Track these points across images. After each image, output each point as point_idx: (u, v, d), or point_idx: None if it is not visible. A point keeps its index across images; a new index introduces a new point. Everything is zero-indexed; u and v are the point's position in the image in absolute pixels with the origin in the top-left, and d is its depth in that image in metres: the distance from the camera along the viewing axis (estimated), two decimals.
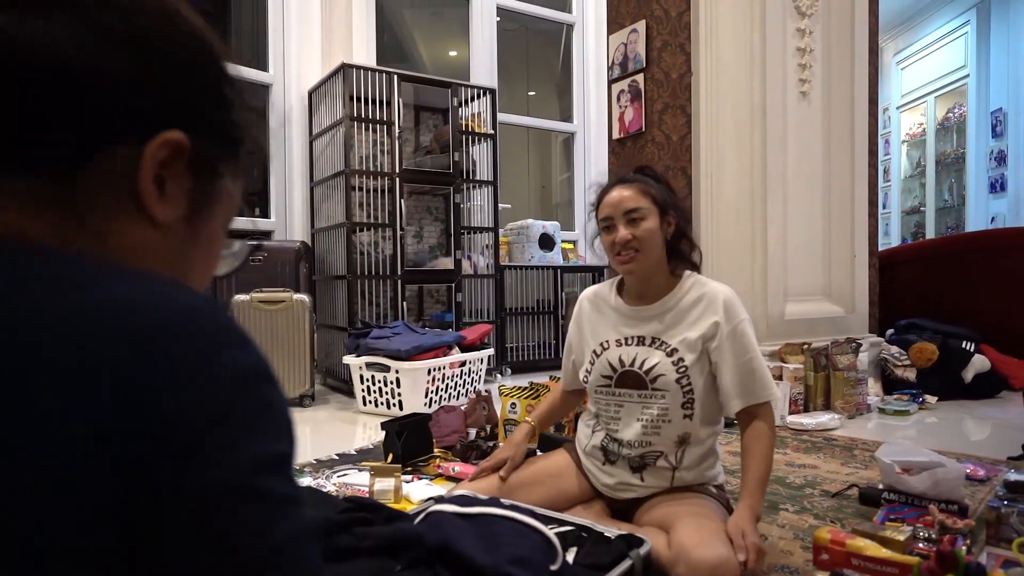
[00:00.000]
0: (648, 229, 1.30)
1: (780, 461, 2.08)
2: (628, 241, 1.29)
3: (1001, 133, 5.66)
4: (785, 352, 2.87)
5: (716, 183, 2.96)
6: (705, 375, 1.31)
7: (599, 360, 1.38)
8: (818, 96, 3.20)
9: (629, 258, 1.31)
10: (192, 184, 0.43)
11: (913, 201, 7.05)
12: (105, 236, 0.39)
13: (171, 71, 0.41)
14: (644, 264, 1.32)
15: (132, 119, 0.39)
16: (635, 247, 1.30)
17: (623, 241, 1.30)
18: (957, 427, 2.61)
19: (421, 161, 3.93)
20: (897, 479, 1.57)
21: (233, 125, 0.46)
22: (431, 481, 1.85)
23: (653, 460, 1.33)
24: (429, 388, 2.88)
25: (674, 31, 3.01)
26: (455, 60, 5.22)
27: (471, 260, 3.99)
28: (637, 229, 1.29)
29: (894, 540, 1.27)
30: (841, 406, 2.75)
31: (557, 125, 5.36)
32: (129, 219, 0.40)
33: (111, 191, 0.39)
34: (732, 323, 1.31)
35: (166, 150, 0.40)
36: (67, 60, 0.37)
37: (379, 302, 3.61)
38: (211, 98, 0.44)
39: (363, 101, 3.50)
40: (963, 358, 3.11)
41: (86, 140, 0.38)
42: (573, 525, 1.20)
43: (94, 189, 0.39)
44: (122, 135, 0.39)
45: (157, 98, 0.40)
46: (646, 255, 1.31)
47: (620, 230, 1.30)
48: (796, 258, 3.12)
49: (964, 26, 6.12)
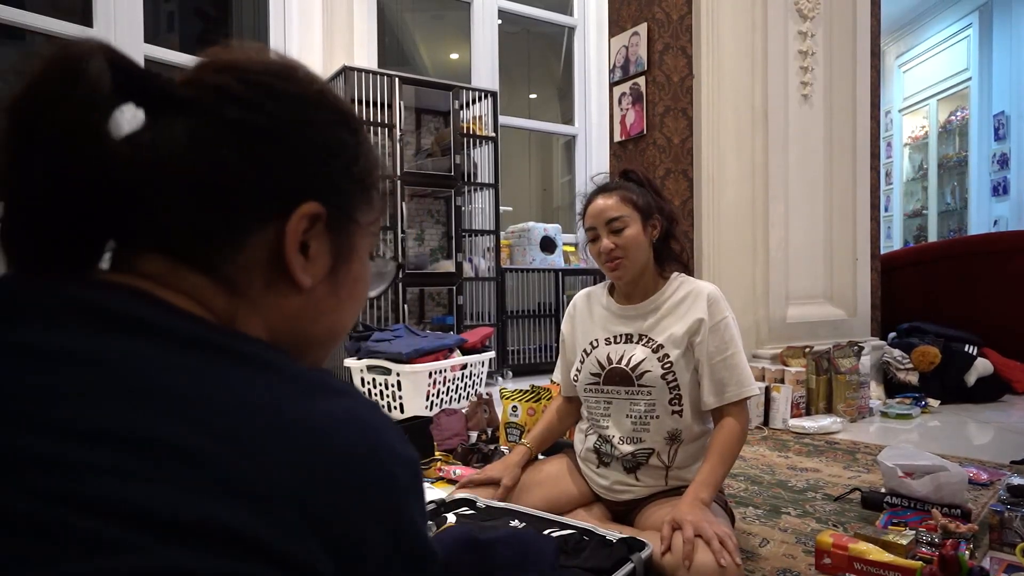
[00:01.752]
0: (630, 236, 1.32)
1: (782, 464, 2.08)
2: (612, 250, 1.32)
3: (1004, 136, 5.65)
4: (787, 355, 2.87)
5: (717, 186, 2.96)
6: (691, 371, 1.32)
7: (588, 359, 1.40)
8: (820, 99, 3.20)
9: (615, 265, 1.34)
10: (332, 239, 0.46)
11: (915, 204, 7.04)
12: (263, 306, 0.44)
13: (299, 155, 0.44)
14: (631, 269, 1.34)
15: (269, 204, 0.43)
16: (619, 255, 1.32)
17: (607, 251, 1.33)
18: (960, 431, 2.60)
19: (422, 164, 3.93)
20: (899, 483, 1.56)
21: (362, 175, 0.49)
22: (432, 484, 1.85)
23: (645, 459, 1.33)
24: (430, 391, 2.87)
25: (675, 34, 3.01)
26: (456, 63, 5.23)
27: (472, 263, 3.99)
28: (620, 238, 1.32)
29: (897, 544, 1.26)
30: (843, 409, 2.74)
31: (558, 128, 5.36)
32: (282, 288, 0.45)
33: (262, 266, 0.43)
34: (715, 319, 1.32)
35: (305, 222, 0.44)
36: (195, 163, 0.41)
37: (380, 305, 3.61)
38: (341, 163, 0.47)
39: (364, 104, 3.50)
40: (965, 362, 3.10)
41: (233, 227, 0.42)
42: (574, 528, 1.19)
43: (248, 267, 0.43)
44: (264, 219, 0.43)
45: (291, 181, 0.44)
46: (632, 261, 1.33)
47: (603, 240, 1.33)
48: (798, 261, 3.11)
49: (966, 29, 6.11)
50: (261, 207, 0.43)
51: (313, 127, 0.45)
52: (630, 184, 1.38)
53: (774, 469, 2.02)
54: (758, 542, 1.43)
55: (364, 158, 0.49)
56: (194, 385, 0.35)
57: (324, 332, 0.49)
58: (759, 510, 1.64)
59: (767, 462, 2.11)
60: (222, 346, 0.39)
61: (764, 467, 2.05)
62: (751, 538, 1.46)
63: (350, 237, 0.48)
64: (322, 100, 0.46)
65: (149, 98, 0.41)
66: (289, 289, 0.45)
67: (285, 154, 0.43)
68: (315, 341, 0.49)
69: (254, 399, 0.37)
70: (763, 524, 1.55)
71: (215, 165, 0.41)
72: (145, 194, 0.40)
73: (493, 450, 2.05)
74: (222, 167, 0.41)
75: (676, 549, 1.09)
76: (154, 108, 0.41)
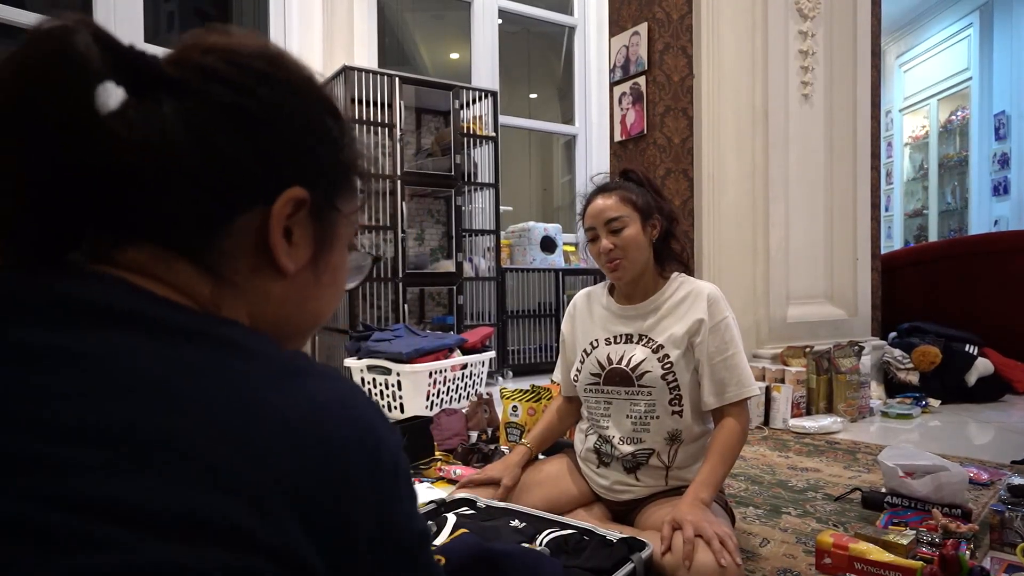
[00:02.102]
0: (629, 236, 1.32)
1: (782, 464, 2.07)
2: (611, 250, 1.32)
3: (1004, 136, 5.65)
4: (787, 355, 2.86)
5: (718, 186, 2.96)
6: (691, 371, 1.32)
7: (588, 359, 1.40)
8: (820, 99, 3.20)
9: (615, 266, 1.34)
10: (315, 226, 0.47)
11: (916, 204, 7.04)
12: (246, 292, 0.44)
13: (287, 140, 0.44)
14: (630, 269, 1.34)
15: (255, 188, 0.43)
16: (618, 255, 1.32)
17: (606, 251, 1.33)
18: (960, 431, 2.60)
19: (422, 163, 3.93)
20: (900, 483, 1.56)
21: (346, 163, 0.49)
22: (432, 484, 1.85)
23: (645, 459, 1.33)
24: (430, 391, 2.87)
25: (676, 34, 3.01)
26: (456, 63, 5.23)
27: (472, 263, 3.99)
28: (619, 238, 1.32)
29: (897, 544, 1.26)
30: (843, 409, 2.74)
31: (558, 127, 5.36)
32: (265, 273, 0.45)
33: (247, 251, 0.43)
34: (715, 319, 1.32)
35: (290, 207, 0.44)
36: (179, 147, 0.40)
37: (380, 305, 3.61)
38: (327, 150, 0.47)
39: (364, 103, 3.50)
40: (966, 361, 3.10)
41: (218, 212, 0.42)
42: (575, 528, 1.19)
43: (233, 253, 0.43)
44: (251, 203, 0.43)
45: (277, 165, 0.44)
46: (631, 261, 1.33)
47: (603, 240, 1.33)
48: (798, 261, 3.11)
49: (967, 29, 6.10)
50: (249, 191, 0.42)
51: (302, 113, 0.45)
52: (630, 184, 1.38)
53: (774, 469, 2.02)
54: (758, 542, 1.43)
55: (348, 147, 0.49)
56: (179, 376, 0.35)
57: (308, 319, 0.50)
58: (759, 510, 1.64)
59: (767, 462, 2.11)
60: (207, 335, 0.38)
61: (764, 467, 2.05)
62: (751, 538, 1.46)
63: (332, 225, 0.48)
64: (310, 87, 0.46)
65: (136, 76, 0.39)
66: (273, 275, 0.45)
67: (275, 139, 0.43)
68: (298, 328, 0.50)
69: (239, 387, 0.36)
70: (763, 524, 1.55)
71: (206, 148, 0.40)
72: (131, 176, 0.39)
73: (493, 450, 2.05)
74: (213, 150, 0.41)
75: (676, 549, 1.09)
76: (141, 87, 0.39)
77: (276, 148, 0.43)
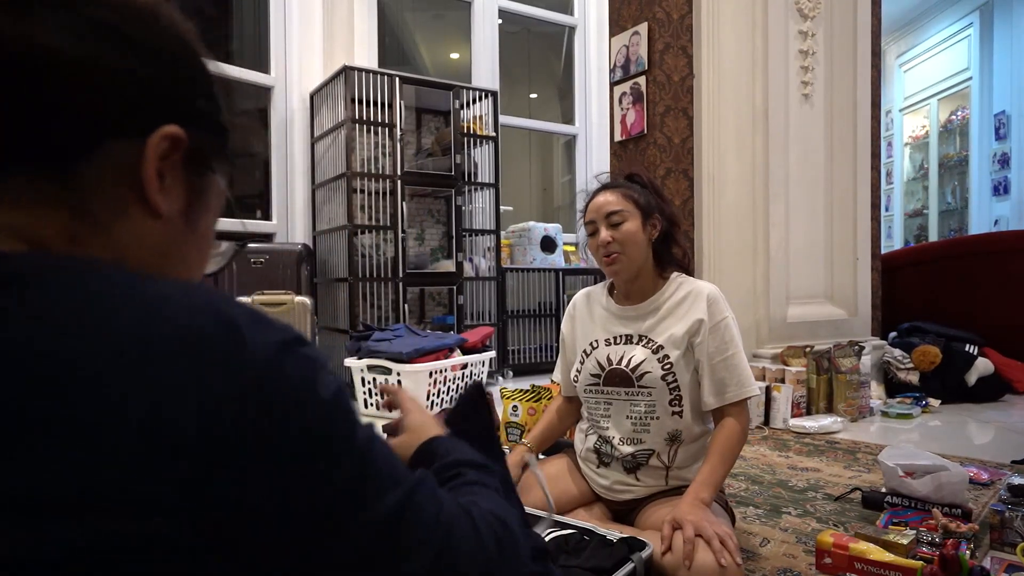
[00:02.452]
0: (628, 231, 1.33)
1: (782, 464, 2.07)
2: (609, 243, 1.33)
3: (1004, 136, 5.65)
4: (787, 355, 2.86)
5: (718, 186, 2.96)
6: (691, 372, 1.32)
7: (588, 359, 1.40)
8: (820, 98, 3.20)
9: (613, 259, 1.34)
10: (188, 178, 0.44)
11: (916, 204, 7.04)
12: (110, 230, 0.40)
13: (165, 67, 0.42)
14: (629, 265, 1.34)
15: (130, 113, 0.40)
16: (617, 249, 1.33)
17: (604, 243, 1.33)
18: (960, 430, 2.60)
19: (423, 163, 3.93)
20: (900, 483, 1.56)
21: (223, 123, 0.47)
22: None
23: (645, 459, 1.34)
24: (431, 391, 2.87)
25: (676, 33, 3.01)
26: (457, 62, 5.23)
27: (472, 262, 3.99)
28: (618, 232, 1.33)
29: (897, 544, 1.26)
30: (844, 409, 2.74)
31: (559, 127, 5.36)
32: (132, 213, 0.41)
33: (115, 185, 0.40)
34: (714, 319, 1.32)
35: (166, 143, 0.41)
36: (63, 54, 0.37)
37: (380, 304, 3.61)
38: (203, 95, 0.46)
39: (365, 103, 3.50)
40: (966, 361, 3.10)
41: (88, 133, 0.39)
42: (575, 528, 1.19)
43: (98, 185, 0.39)
44: (122, 129, 0.40)
45: (154, 93, 0.41)
46: (629, 256, 1.34)
47: (602, 233, 1.34)
48: (798, 261, 3.11)
49: (967, 28, 6.10)
50: (122, 115, 0.39)
51: (184, 60, 0.44)
52: (633, 184, 1.40)
53: (774, 469, 2.02)
54: (759, 542, 1.43)
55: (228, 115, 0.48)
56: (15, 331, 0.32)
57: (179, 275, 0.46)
58: (759, 510, 1.64)
59: (767, 462, 2.11)
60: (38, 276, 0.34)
61: (764, 467, 2.05)
62: (751, 538, 1.46)
63: (206, 185, 0.46)
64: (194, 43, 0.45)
65: None
66: (143, 214, 0.41)
67: (159, 70, 0.41)
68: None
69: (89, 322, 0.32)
70: (763, 524, 1.55)
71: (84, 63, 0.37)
72: None
73: None
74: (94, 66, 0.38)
75: (676, 549, 1.09)
76: None
77: (156, 75, 0.41)
